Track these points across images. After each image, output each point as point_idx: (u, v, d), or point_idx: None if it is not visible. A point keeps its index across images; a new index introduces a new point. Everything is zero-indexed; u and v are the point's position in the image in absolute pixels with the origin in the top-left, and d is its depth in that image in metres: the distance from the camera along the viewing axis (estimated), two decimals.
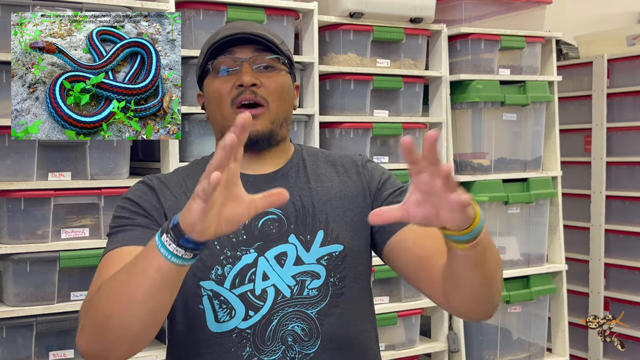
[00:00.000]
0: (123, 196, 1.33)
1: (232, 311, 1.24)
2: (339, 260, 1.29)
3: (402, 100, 2.90)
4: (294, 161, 1.38)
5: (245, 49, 1.31)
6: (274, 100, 1.30)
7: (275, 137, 1.32)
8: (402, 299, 2.87)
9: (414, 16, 2.85)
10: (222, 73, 1.32)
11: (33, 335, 2.17)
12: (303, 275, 1.26)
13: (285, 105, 1.34)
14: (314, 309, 1.26)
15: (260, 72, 1.31)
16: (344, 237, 1.30)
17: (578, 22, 4.22)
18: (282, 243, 1.27)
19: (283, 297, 1.25)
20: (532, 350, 3.21)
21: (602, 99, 3.74)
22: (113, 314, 1.07)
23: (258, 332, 1.24)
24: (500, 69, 3.09)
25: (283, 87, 1.32)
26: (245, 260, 1.25)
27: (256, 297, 1.24)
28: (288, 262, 1.26)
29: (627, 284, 3.69)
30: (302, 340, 1.24)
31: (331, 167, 1.39)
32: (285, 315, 1.24)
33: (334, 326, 1.26)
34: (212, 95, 1.33)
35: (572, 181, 3.81)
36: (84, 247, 2.23)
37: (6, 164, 2.15)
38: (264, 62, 1.31)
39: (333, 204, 1.32)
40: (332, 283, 1.28)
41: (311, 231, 1.29)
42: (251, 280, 1.25)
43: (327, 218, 1.30)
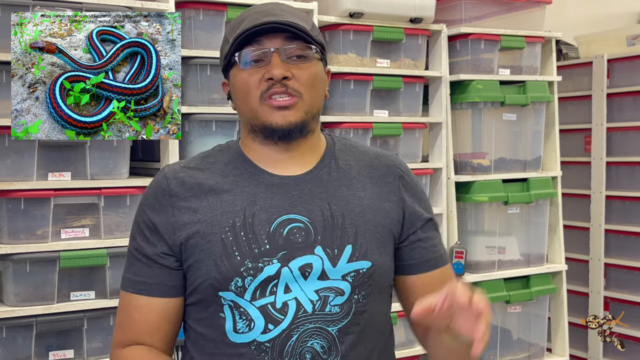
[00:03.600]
0: (141, 203, 1.30)
1: (251, 323, 1.21)
2: (365, 278, 1.24)
3: (402, 100, 2.90)
4: (325, 160, 1.31)
5: (274, 38, 1.22)
6: (306, 91, 1.23)
7: (307, 127, 1.26)
8: None
9: (414, 16, 2.85)
10: (250, 64, 1.23)
11: (33, 335, 2.16)
12: (327, 291, 1.22)
13: (319, 96, 1.27)
14: (335, 326, 1.22)
15: (291, 62, 1.22)
16: (372, 254, 1.25)
17: (578, 22, 4.22)
18: (308, 254, 1.22)
19: (304, 312, 1.21)
20: (532, 350, 3.21)
21: (602, 99, 3.74)
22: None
23: (277, 347, 1.20)
24: (500, 69, 3.09)
25: (316, 77, 1.25)
26: (267, 271, 1.20)
27: (277, 310, 1.20)
28: (312, 275, 1.21)
29: (627, 284, 3.69)
30: (320, 358, 1.21)
31: (365, 169, 1.33)
32: (306, 332, 1.21)
33: (353, 344, 1.23)
34: (240, 87, 1.25)
35: (572, 181, 3.81)
36: (83, 247, 2.23)
37: (6, 164, 2.15)
38: (295, 52, 1.23)
39: (365, 217, 1.26)
40: (355, 300, 1.23)
41: (339, 245, 1.23)
42: (272, 292, 1.21)
43: (356, 231, 1.25)
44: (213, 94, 2.47)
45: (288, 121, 1.22)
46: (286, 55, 1.22)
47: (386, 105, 2.87)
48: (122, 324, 1.31)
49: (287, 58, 1.22)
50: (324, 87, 1.30)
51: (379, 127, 2.79)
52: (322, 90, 1.29)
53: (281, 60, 1.22)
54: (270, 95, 1.21)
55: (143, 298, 1.27)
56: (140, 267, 1.28)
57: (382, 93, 2.86)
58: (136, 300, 1.28)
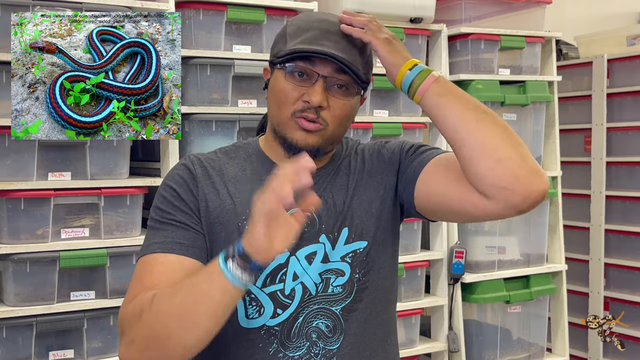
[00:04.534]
0: (165, 182, 1.31)
1: (261, 309, 1.27)
2: (363, 257, 1.31)
3: (402, 100, 2.90)
4: (335, 161, 1.37)
5: (327, 64, 1.25)
6: (334, 123, 1.27)
7: (321, 152, 1.30)
8: (402, 299, 2.87)
9: (414, 16, 2.85)
10: (296, 77, 1.26)
11: (33, 335, 2.16)
12: (328, 273, 1.29)
13: (343, 129, 1.32)
14: (339, 305, 1.28)
15: (331, 93, 1.27)
16: (368, 232, 1.31)
17: (578, 22, 4.22)
18: (314, 243, 1.28)
19: (309, 294, 1.27)
20: (532, 350, 3.21)
21: (602, 99, 3.74)
22: (173, 333, 1.10)
23: (285, 330, 1.26)
24: (500, 69, 3.09)
25: (348, 113, 1.29)
26: (277, 260, 1.26)
27: (285, 296, 1.27)
28: (316, 259, 1.28)
29: (627, 284, 3.69)
30: (326, 337, 1.27)
31: (359, 156, 1.40)
32: (310, 313, 1.27)
33: (357, 321, 1.29)
34: (278, 94, 1.28)
35: (572, 181, 3.81)
36: (83, 247, 2.23)
37: (6, 164, 2.15)
38: (339, 82, 1.27)
39: (360, 198, 1.33)
40: (356, 279, 1.30)
41: (338, 228, 1.30)
42: (282, 280, 1.27)
43: (352, 214, 1.31)
44: (213, 94, 2.47)
45: (306, 143, 1.26)
46: (329, 84, 1.26)
47: (386, 105, 2.87)
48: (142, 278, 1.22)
49: (329, 87, 1.26)
50: (352, 119, 1.34)
51: (379, 127, 2.79)
52: (349, 123, 1.34)
53: (324, 89, 1.25)
54: (301, 116, 1.26)
55: (173, 256, 1.23)
56: (172, 231, 1.25)
57: (382, 93, 2.86)
58: (164, 258, 1.23)
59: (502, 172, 1.16)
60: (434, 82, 1.23)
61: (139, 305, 1.16)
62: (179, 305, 1.11)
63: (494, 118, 1.20)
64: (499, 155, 1.16)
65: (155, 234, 1.26)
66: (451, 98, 1.22)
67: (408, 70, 1.25)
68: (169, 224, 1.26)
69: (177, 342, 1.11)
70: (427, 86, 1.23)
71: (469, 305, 3.05)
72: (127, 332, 1.16)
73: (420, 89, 1.24)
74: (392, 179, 1.36)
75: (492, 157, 1.16)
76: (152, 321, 1.12)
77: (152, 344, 1.12)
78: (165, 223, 1.26)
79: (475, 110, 1.20)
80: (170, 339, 1.11)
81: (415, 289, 2.92)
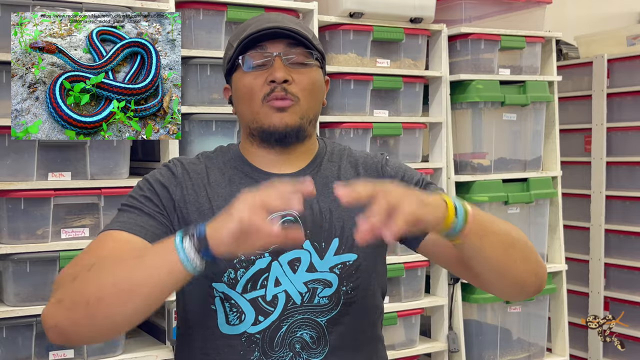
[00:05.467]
0: (144, 176, 1.32)
1: (242, 315, 1.24)
2: (352, 270, 1.28)
3: (402, 100, 2.90)
4: (317, 160, 1.36)
5: (277, 44, 1.27)
6: (304, 96, 1.28)
7: (303, 132, 1.30)
8: (402, 299, 2.87)
9: (414, 16, 2.85)
10: (253, 68, 1.28)
11: (33, 335, 2.16)
12: (315, 283, 1.26)
13: (316, 102, 1.31)
14: (324, 317, 1.26)
15: (292, 67, 1.27)
16: (358, 246, 1.28)
17: (578, 22, 4.22)
18: (297, 248, 1.25)
19: (293, 303, 1.25)
20: (532, 350, 3.21)
21: (602, 99, 3.74)
22: (103, 298, 1.06)
23: (267, 338, 1.24)
24: (500, 69, 3.09)
25: (314, 83, 1.30)
26: (258, 264, 1.24)
27: (267, 302, 1.24)
28: (301, 268, 1.26)
29: (627, 284, 3.69)
30: (309, 348, 1.25)
31: (353, 168, 1.37)
32: (295, 322, 1.25)
33: (342, 335, 1.27)
34: (243, 90, 1.30)
35: (572, 181, 3.81)
36: (83, 247, 2.21)
37: (6, 164, 2.15)
38: (296, 57, 1.28)
39: (351, 211, 1.28)
40: (344, 292, 1.27)
41: (326, 238, 1.27)
42: (263, 285, 1.24)
43: (343, 225, 1.29)
44: (213, 94, 2.47)
45: (284, 123, 1.26)
46: (288, 61, 1.28)
47: (386, 105, 2.87)
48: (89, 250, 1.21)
49: (289, 63, 1.27)
50: (322, 94, 1.34)
51: (379, 127, 2.79)
52: (320, 97, 1.34)
53: (283, 64, 1.27)
54: (272, 98, 1.26)
55: (129, 235, 1.21)
56: (138, 215, 1.24)
57: (382, 93, 2.86)
58: (119, 235, 1.21)
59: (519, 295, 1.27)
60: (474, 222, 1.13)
61: (76, 270, 1.13)
62: (118, 274, 1.07)
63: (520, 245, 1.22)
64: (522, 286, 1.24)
65: (119, 215, 1.25)
66: (489, 240, 1.16)
67: (454, 217, 1.10)
68: (136, 209, 1.25)
69: (104, 311, 1.06)
70: (470, 229, 1.12)
71: (469, 305, 3.05)
72: (56, 293, 1.12)
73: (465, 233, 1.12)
74: None
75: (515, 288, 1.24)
76: (86, 284, 1.08)
77: (78, 307, 1.07)
78: (133, 207, 1.25)
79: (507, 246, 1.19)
80: (98, 305, 1.06)
81: (415, 289, 2.92)
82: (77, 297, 1.08)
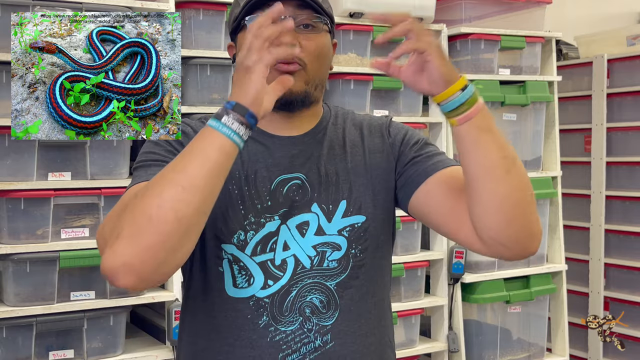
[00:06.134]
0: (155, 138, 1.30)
1: (250, 278, 1.22)
2: (361, 232, 1.27)
3: (402, 100, 2.90)
4: (322, 124, 1.33)
5: (285, 5, 1.19)
6: (311, 61, 1.23)
7: (309, 98, 1.26)
8: (402, 299, 2.87)
9: (414, 16, 2.85)
10: None
11: (33, 335, 2.16)
12: (324, 247, 1.25)
13: (323, 68, 1.28)
14: (333, 280, 1.24)
15: (299, 31, 1.23)
16: (366, 208, 1.28)
17: (578, 22, 4.22)
18: (305, 212, 1.24)
19: (303, 267, 1.23)
20: (532, 350, 3.21)
21: (602, 99, 3.74)
22: (163, 205, 1.02)
23: (276, 302, 1.22)
24: (500, 69, 3.09)
25: (322, 48, 1.26)
26: (268, 228, 1.23)
27: (276, 267, 1.23)
28: (309, 231, 1.24)
29: (627, 284, 3.69)
30: (320, 312, 1.23)
31: (357, 130, 1.35)
32: (304, 287, 1.23)
33: (352, 299, 1.25)
34: None
35: (572, 181, 3.81)
36: (84, 247, 2.23)
37: (6, 164, 2.15)
38: (305, 21, 1.24)
39: (357, 172, 1.29)
40: (353, 255, 1.26)
41: (334, 201, 1.26)
42: (272, 249, 1.23)
43: (350, 187, 1.28)
44: (213, 94, 2.47)
45: (291, 89, 1.20)
46: (296, 24, 1.21)
47: (386, 105, 2.87)
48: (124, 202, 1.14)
49: (296, 27, 1.22)
50: (329, 59, 1.31)
51: None
52: (328, 62, 1.30)
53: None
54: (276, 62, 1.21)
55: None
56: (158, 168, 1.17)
57: (382, 93, 2.86)
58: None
59: (508, 232, 1.16)
60: (479, 113, 1.13)
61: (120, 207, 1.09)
62: (170, 178, 1.04)
63: (519, 169, 1.16)
64: (512, 215, 1.15)
65: (147, 169, 1.22)
66: (490, 137, 1.14)
67: (460, 90, 1.12)
68: (160, 162, 1.23)
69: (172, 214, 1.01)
70: (472, 115, 1.12)
71: (469, 305, 3.05)
72: (110, 236, 1.06)
73: (465, 116, 1.12)
74: (392, 163, 1.32)
75: (505, 215, 1.15)
76: (140, 204, 1.04)
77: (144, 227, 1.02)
78: (157, 161, 1.23)
79: (507, 158, 1.14)
80: (165, 212, 1.01)
81: (415, 289, 2.92)
82: (137, 220, 1.03)
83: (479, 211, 1.16)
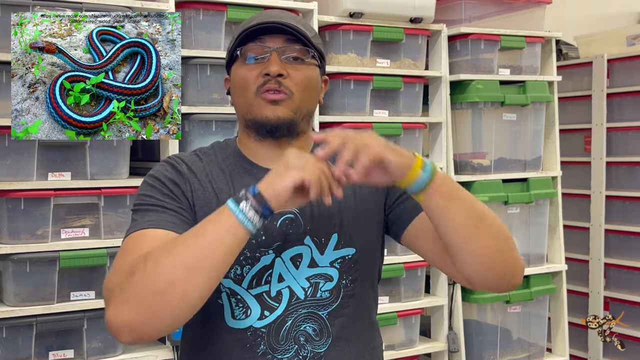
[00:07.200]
0: (151, 174, 1.30)
1: (248, 310, 1.28)
2: (351, 263, 1.32)
3: (402, 100, 2.90)
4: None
5: (276, 39, 1.29)
6: (299, 91, 1.28)
7: (295, 128, 1.30)
8: (402, 299, 2.87)
9: (414, 16, 2.85)
10: (250, 60, 1.30)
11: (33, 335, 2.17)
12: (317, 278, 1.30)
13: (310, 99, 1.32)
14: (325, 310, 1.30)
15: (288, 62, 1.29)
16: (356, 240, 1.32)
17: (578, 22, 4.22)
18: (298, 244, 1.29)
19: (297, 298, 1.28)
20: (532, 350, 3.21)
21: (602, 99, 3.74)
22: (175, 281, 1.07)
23: (273, 332, 1.27)
24: (500, 69, 3.09)
25: (310, 80, 1.31)
26: (263, 261, 1.28)
27: (271, 298, 1.28)
28: (303, 263, 1.29)
29: (627, 284, 3.69)
30: (313, 340, 1.29)
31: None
32: (299, 317, 1.28)
33: (343, 326, 1.31)
34: (238, 81, 1.31)
35: (572, 181, 3.81)
36: (84, 247, 2.23)
37: (6, 164, 2.15)
38: (293, 53, 1.29)
39: (348, 206, 1.33)
40: (344, 285, 1.31)
41: (326, 234, 1.31)
42: (267, 281, 1.28)
43: (341, 221, 1.32)
44: (213, 94, 2.47)
45: (277, 116, 1.27)
46: (284, 55, 1.29)
47: (386, 105, 2.87)
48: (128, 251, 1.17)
49: (285, 58, 1.29)
50: (317, 91, 1.35)
51: (379, 127, 2.79)
52: (315, 94, 1.34)
53: (279, 59, 1.28)
54: (264, 90, 1.27)
55: (163, 231, 1.19)
56: (163, 212, 1.23)
57: (382, 93, 2.86)
58: (153, 232, 1.19)
59: (491, 276, 1.24)
60: (442, 182, 1.18)
61: (129, 269, 1.11)
62: (183, 253, 1.08)
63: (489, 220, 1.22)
64: (492, 263, 1.22)
65: (144, 215, 1.23)
66: (455, 200, 1.19)
67: (420, 170, 1.16)
68: (159, 207, 1.24)
69: (181, 291, 1.07)
70: (438, 186, 1.17)
71: (469, 305, 3.05)
72: (117, 294, 1.10)
73: (433, 190, 1.17)
74: (381, 197, 1.37)
75: (485, 265, 1.23)
76: (150, 275, 1.07)
77: (151, 298, 1.07)
78: (155, 206, 1.24)
79: (473, 215, 1.20)
80: (173, 289, 1.06)
81: (415, 289, 2.92)
82: (145, 289, 1.08)
83: (459, 264, 1.25)
